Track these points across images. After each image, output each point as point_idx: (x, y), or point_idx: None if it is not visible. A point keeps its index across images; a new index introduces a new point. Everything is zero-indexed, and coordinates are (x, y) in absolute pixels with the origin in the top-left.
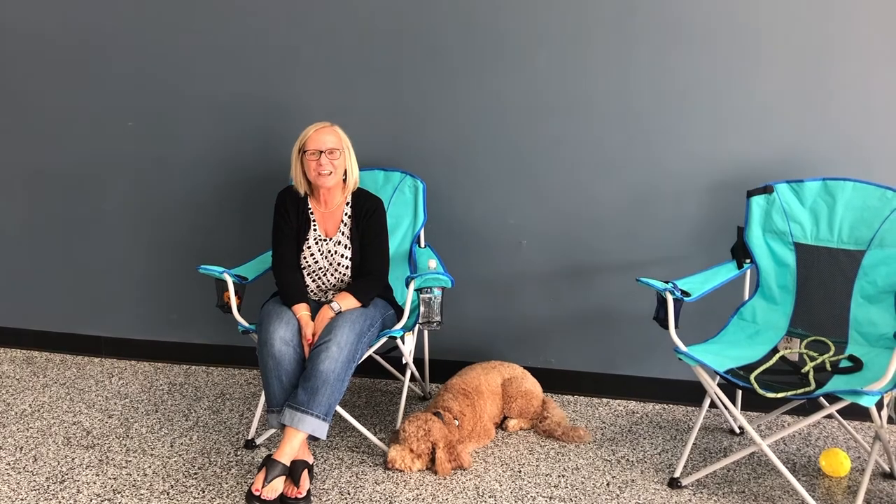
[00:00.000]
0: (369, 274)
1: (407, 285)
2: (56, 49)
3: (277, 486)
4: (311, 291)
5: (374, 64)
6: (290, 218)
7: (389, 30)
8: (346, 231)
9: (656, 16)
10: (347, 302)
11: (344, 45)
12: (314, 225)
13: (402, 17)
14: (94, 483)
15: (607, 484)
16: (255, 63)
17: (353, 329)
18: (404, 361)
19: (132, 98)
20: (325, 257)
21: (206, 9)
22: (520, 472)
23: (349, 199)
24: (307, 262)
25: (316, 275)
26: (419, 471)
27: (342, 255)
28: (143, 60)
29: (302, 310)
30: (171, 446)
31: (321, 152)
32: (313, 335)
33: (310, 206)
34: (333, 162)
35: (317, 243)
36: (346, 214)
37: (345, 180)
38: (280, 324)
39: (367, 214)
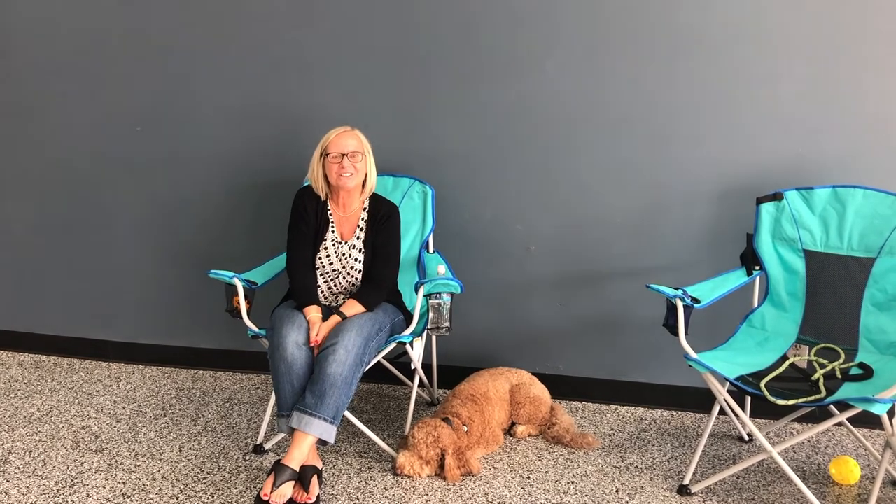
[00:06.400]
0: (376, 279)
1: (416, 291)
2: (65, 52)
3: (286, 491)
4: (322, 294)
5: (383, 70)
6: (308, 217)
7: (398, 36)
8: (362, 235)
9: (667, 23)
10: (354, 309)
11: (353, 51)
12: (332, 227)
13: (411, 23)
14: (104, 487)
15: (616, 491)
16: (264, 68)
17: (360, 333)
18: (413, 367)
19: (141, 102)
20: (340, 260)
21: (215, 14)
22: (529, 478)
23: (366, 203)
24: (322, 262)
25: (329, 276)
26: (428, 477)
27: (356, 259)
28: (152, 65)
29: (313, 311)
30: (180, 451)
31: (343, 155)
32: (321, 337)
33: (329, 208)
34: (356, 164)
35: (333, 245)
36: (362, 219)
37: (364, 184)
38: (293, 327)
39: (383, 219)
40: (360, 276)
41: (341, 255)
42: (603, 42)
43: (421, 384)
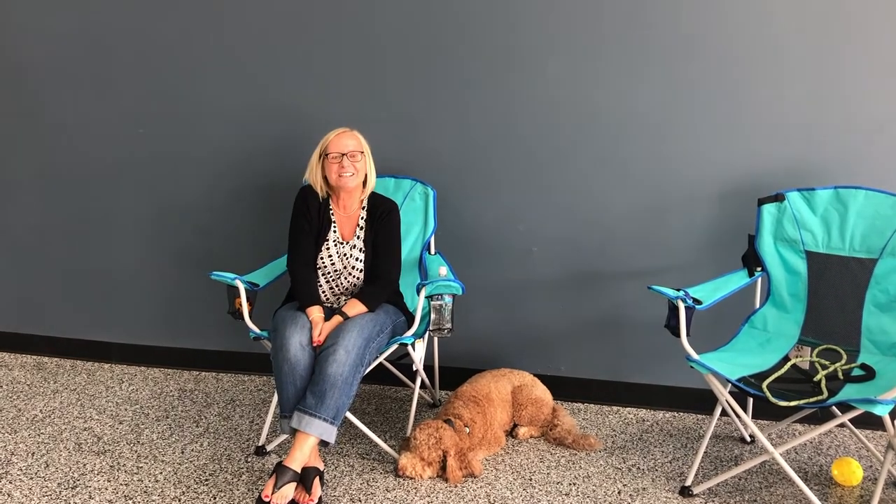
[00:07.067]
0: (378, 278)
1: (418, 292)
2: (68, 55)
3: (287, 492)
4: (324, 294)
5: (384, 72)
6: (311, 216)
7: (400, 38)
8: (362, 234)
9: (668, 25)
10: (356, 309)
11: (355, 53)
12: (334, 226)
13: (413, 25)
14: (106, 489)
15: (618, 492)
16: (266, 71)
17: (360, 334)
18: (415, 368)
19: (143, 105)
20: (341, 260)
21: (217, 17)
22: (531, 479)
23: (365, 202)
24: (323, 262)
25: (331, 276)
26: (430, 478)
27: (357, 259)
28: (155, 67)
29: (315, 311)
30: (182, 452)
31: (343, 155)
32: (323, 337)
33: (331, 208)
34: (355, 164)
35: (335, 245)
36: (361, 218)
37: (364, 184)
38: (296, 328)
39: (382, 216)
40: (361, 276)
41: (342, 256)
42: (604, 44)
43: (423, 385)
